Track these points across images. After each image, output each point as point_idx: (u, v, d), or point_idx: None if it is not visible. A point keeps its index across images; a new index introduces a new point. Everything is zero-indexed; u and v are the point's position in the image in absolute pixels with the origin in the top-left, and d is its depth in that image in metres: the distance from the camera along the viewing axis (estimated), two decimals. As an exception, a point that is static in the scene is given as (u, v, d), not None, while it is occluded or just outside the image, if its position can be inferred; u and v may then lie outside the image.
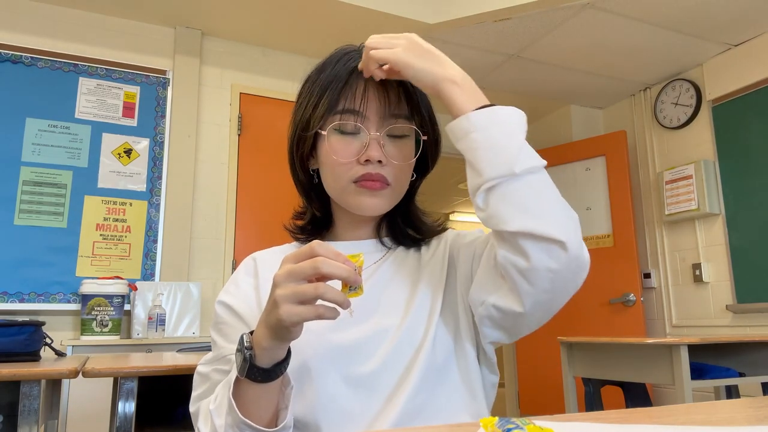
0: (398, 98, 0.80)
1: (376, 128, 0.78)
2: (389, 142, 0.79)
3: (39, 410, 1.23)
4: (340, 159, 0.78)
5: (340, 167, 0.78)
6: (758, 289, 3.18)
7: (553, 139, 4.35)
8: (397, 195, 0.82)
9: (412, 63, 0.71)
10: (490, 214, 0.66)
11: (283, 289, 0.60)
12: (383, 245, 0.88)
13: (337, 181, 0.80)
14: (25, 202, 2.76)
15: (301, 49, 3.44)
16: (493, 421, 0.40)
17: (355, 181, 0.78)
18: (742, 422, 0.44)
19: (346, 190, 0.79)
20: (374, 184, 0.78)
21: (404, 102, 0.80)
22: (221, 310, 0.82)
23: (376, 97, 0.78)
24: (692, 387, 2.02)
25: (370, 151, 0.77)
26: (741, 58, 3.35)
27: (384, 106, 0.78)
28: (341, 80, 0.79)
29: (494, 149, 0.66)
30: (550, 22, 3.09)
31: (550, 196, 0.68)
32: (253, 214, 3.22)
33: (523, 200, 0.65)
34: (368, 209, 0.80)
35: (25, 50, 2.88)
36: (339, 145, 0.78)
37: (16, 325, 1.48)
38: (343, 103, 0.78)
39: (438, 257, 0.84)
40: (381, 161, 0.77)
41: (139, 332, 2.74)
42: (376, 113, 0.78)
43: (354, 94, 0.78)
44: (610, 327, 3.72)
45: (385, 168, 0.78)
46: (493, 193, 0.65)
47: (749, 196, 3.27)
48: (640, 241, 3.85)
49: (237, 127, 3.26)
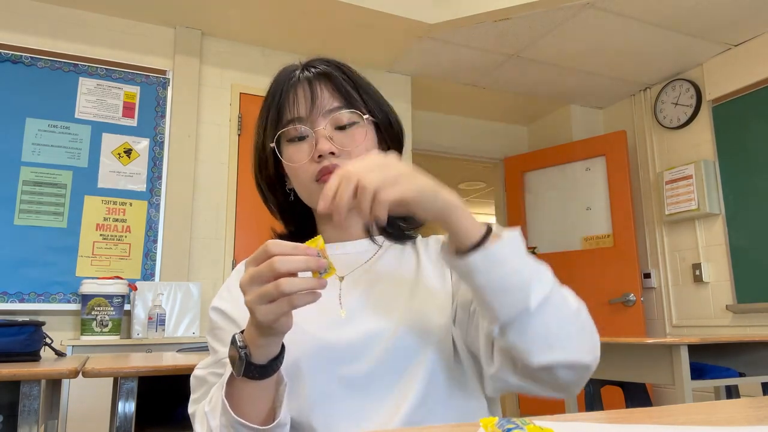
0: (332, 91, 0.83)
1: (320, 125, 0.81)
2: (338, 134, 0.81)
3: (39, 410, 1.23)
4: (296, 163, 0.81)
5: (299, 171, 0.81)
6: (758, 289, 3.18)
7: (553, 139, 4.35)
8: None
9: (422, 195, 0.61)
10: (508, 346, 0.63)
11: (249, 294, 0.60)
12: (375, 243, 0.88)
13: (302, 185, 0.83)
14: (25, 202, 2.76)
15: (301, 49, 3.43)
16: (493, 421, 0.40)
17: (317, 179, 0.79)
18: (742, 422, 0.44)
19: (311, 191, 0.81)
20: None
21: (339, 93, 0.83)
22: (215, 315, 0.83)
23: (311, 97, 0.81)
24: (692, 387, 2.02)
25: (319, 145, 0.79)
26: (741, 58, 3.35)
27: (321, 103, 0.81)
28: (277, 96, 0.84)
29: (505, 291, 0.61)
30: (550, 22, 3.09)
31: (569, 318, 0.64)
32: (253, 213, 3.21)
33: (544, 334, 0.61)
34: None
35: (25, 50, 2.88)
36: (292, 152, 0.82)
37: (16, 325, 1.47)
38: (285, 115, 0.82)
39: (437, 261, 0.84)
40: (333, 152, 0.79)
41: (139, 332, 2.74)
42: (315, 112, 0.81)
43: (289, 103, 0.82)
44: (610, 327, 3.72)
45: (341, 158, 0.80)
46: (511, 329, 0.62)
47: (749, 196, 3.27)
48: (640, 241, 3.85)
49: (237, 127, 3.26)
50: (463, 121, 4.45)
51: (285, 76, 0.86)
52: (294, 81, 0.84)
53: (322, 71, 0.84)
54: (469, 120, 4.48)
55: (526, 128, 4.70)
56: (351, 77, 0.85)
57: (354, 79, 0.85)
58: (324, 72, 0.84)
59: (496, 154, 4.53)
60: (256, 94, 3.35)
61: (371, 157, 0.63)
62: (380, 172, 0.60)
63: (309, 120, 0.81)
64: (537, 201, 4.25)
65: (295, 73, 0.85)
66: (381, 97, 0.88)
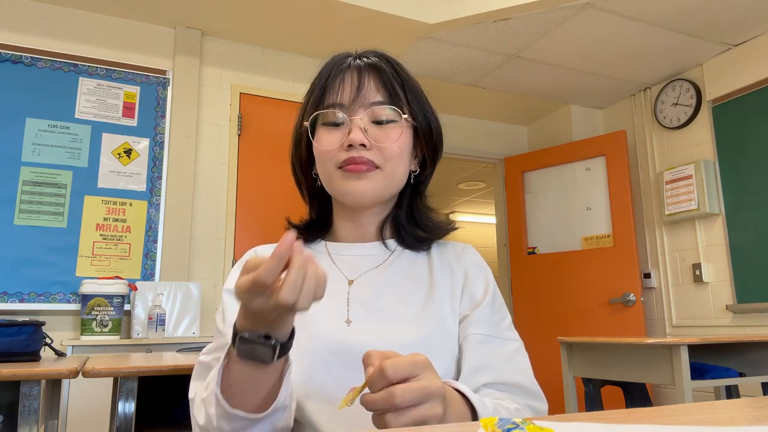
0: (378, 85, 0.82)
1: (359, 115, 0.79)
2: (374, 128, 0.80)
3: (39, 410, 1.23)
4: (325, 147, 0.80)
5: (325, 156, 0.80)
6: (758, 289, 3.18)
7: (553, 139, 4.35)
8: (387, 179, 0.81)
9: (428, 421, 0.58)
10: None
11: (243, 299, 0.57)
12: (387, 248, 0.86)
13: (325, 170, 0.81)
14: (25, 202, 2.76)
15: (301, 49, 3.44)
16: (493, 421, 0.40)
17: (340, 166, 0.79)
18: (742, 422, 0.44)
19: (332, 177, 0.80)
20: (358, 167, 0.78)
21: (384, 88, 0.82)
22: (227, 296, 0.81)
23: (356, 87, 0.80)
24: (692, 387, 2.02)
25: (352, 135, 0.78)
26: (741, 58, 3.35)
27: (364, 94, 0.80)
28: (323, 79, 0.83)
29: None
30: (550, 22, 3.09)
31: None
32: (253, 214, 3.22)
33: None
34: (355, 192, 0.79)
35: (25, 50, 2.88)
36: (324, 135, 0.81)
37: (16, 325, 1.47)
38: (327, 99, 0.81)
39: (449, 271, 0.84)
40: (364, 144, 0.78)
41: (139, 332, 2.74)
42: (357, 102, 0.80)
43: (335, 88, 0.81)
44: (610, 327, 3.72)
45: (371, 152, 0.78)
46: None
47: (749, 196, 3.27)
48: (640, 241, 3.85)
49: (237, 127, 3.26)
50: (463, 121, 4.45)
51: (337, 60, 0.85)
52: (344, 67, 0.83)
53: (374, 63, 0.83)
54: (469, 120, 4.48)
55: (526, 128, 4.70)
56: (400, 75, 0.84)
57: (403, 78, 0.84)
58: (375, 64, 0.83)
59: (496, 154, 4.53)
60: (256, 94, 3.35)
61: (415, 362, 0.57)
62: (418, 394, 0.55)
63: (349, 108, 0.80)
64: (537, 201, 4.25)
65: (347, 59, 0.84)
66: (427, 102, 0.87)
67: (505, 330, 0.82)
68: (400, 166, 0.82)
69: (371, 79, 0.82)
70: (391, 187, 0.82)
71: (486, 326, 0.79)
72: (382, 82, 0.82)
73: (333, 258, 0.85)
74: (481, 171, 5.57)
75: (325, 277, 0.56)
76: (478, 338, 0.78)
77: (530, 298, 4.12)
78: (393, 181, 0.82)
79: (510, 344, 0.81)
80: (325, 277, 0.56)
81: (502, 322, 0.83)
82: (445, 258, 0.87)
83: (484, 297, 0.83)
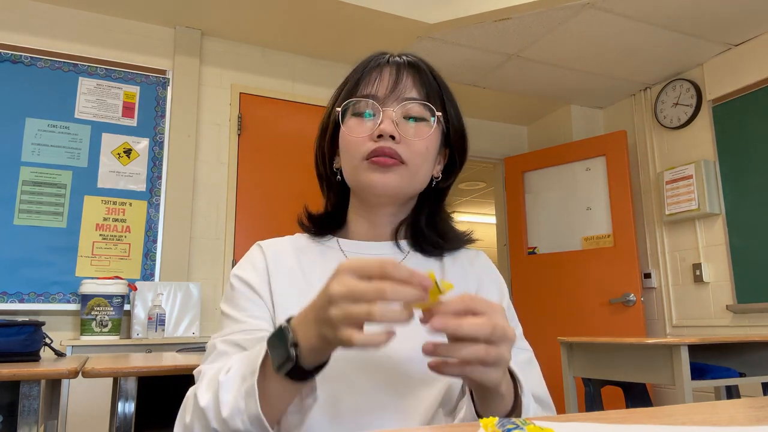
0: (416, 83, 0.81)
1: (392, 108, 0.79)
2: (405, 123, 0.79)
3: (39, 410, 1.22)
4: (354, 136, 0.79)
5: (353, 145, 0.79)
6: (758, 289, 3.17)
7: (553, 139, 4.35)
8: (412, 176, 0.80)
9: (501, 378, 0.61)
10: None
11: (338, 309, 0.53)
12: (400, 249, 0.85)
13: (350, 160, 0.80)
14: (24, 202, 2.76)
15: (301, 49, 3.44)
16: (493, 421, 0.40)
17: (367, 157, 0.77)
18: (742, 422, 0.44)
19: (358, 168, 0.79)
20: (386, 160, 0.77)
21: (422, 87, 0.81)
22: (239, 283, 0.79)
23: (393, 80, 0.80)
24: (692, 387, 2.02)
25: (383, 125, 0.77)
26: (741, 58, 3.35)
27: (400, 89, 0.79)
28: (360, 70, 0.83)
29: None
30: (550, 22, 3.09)
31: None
32: (253, 214, 3.21)
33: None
34: (379, 185, 0.78)
35: (25, 50, 2.88)
36: (354, 124, 0.80)
37: (15, 325, 1.47)
38: (361, 89, 0.81)
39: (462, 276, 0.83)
40: (394, 137, 0.77)
41: (138, 332, 2.74)
42: (391, 95, 0.79)
43: (370, 80, 0.81)
44: (610, 327, 3.72)
45: (399, 146, 0.77)
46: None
47: (749, 196, 3.27)
48: (640, 241, 3.85)
49: (237, 127, 3.26)
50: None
51: (375, 56, 0.85)
52: (382, 62, 0.83)
53: (413, 62, 0.84)
54: (469, 120, 4.36)
55: (526, 128, 4.70)
56: (437, 79, 0.84)
57: (439, 81, 0.85)
58: (414, 63, 0.84)
59: (496, 154, 4.53)
60: (256, 94, 3.35)
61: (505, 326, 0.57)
62: (506, 332, 0.56)
63: (383, 100, 0.79)
64: (537, 201, 4.25)
65: (385, 56, 0.84)
66: (459, 109, 0.87)
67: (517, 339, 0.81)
68: (425, 165, 0.81)
69: (409, 75, 0.81)
70: (413, 186, 0.81)
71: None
72: (420, 81, 0.82)
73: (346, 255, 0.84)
74: (481, 171, 5.56)
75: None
76: None
77: (530, 298, 4.12)
78: (416, 180, 0.81)
79: (523, 354, 0.81)
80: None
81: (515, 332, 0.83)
82: (458, 263, 0.86)
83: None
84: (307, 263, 0.82)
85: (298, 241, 0.87)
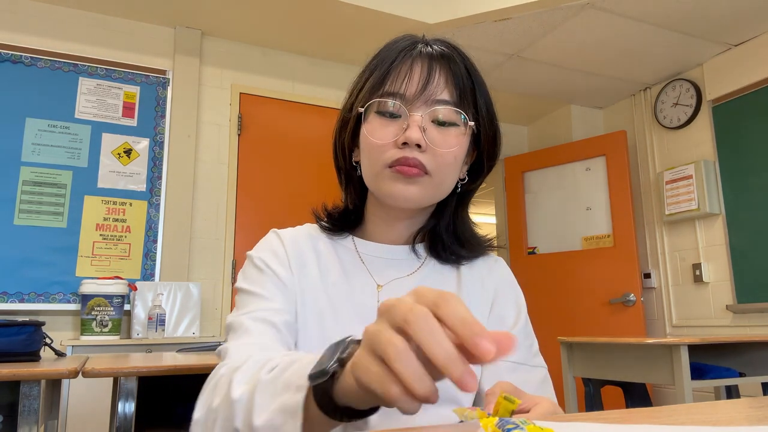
0: (448, 81, 0.74)
1: (420, 112, 0.72)
2: (433, 128, 0.73)
3: (39, 410, 1.22)
4: (377, 140, 0.73)
5: (376, 150, 0.73)
6: (758, 289, 3.18)
7: (553, 139, 4.35)
8: (436, 187, 0.75)
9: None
10: None
11: (406, 369, 0.38)
12: (416, 254, 0.81)
13: (372, 165, 0.74)
14: (25, 202, 2.76)
15: (301, 49, 3.44)
16: (493, 421, 0.40)
17: (390, 165, 0.72)
18: (742, 422, 0.44)
19: (379, 176, 0.73)
20: (410, 170, 0.71)
21: (454, 87, 0.74)
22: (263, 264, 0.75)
23: (423, 79, 0.73)
24: (692, 387, 2.02)
25: (409, 132, 0.70)
26: (741, 58, 3.35)
27: (430, 90, 0.73)
28: (388, 62, 0.75)
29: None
30: (550, 22, 3.09)
31: None
32: (253, 214, 3.21)
33: None
34: (401, 197, 0.73)
35: (25, 50, 2.88)
36: (377, 127, 0.73)
37: (16, 325, 1.47)
38: (388, 85, 0.74)
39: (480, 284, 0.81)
40: (420, 145, 0.71)
41: (139, 332, 2.74)
42: (420, 96, 0.72)
43: (399, 75, 0.73)
44: (610, 327, 3.72)
45: (424, 155, 0.71)
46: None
47: (749, 196, 3.27)
48: (640, 241, 3.85)
49: (237, 127, 3.26)
50: (463, 121, 4.45)
51: (405, 44, 0.76)
52: (414, 54, 0.75)
53: (447, 54, 0.75)
54: None
55: (526, 128, 4.70)
56: (471, 72, 0.77)
57: (473, 75, 0.77)
58: (448, 55, 0.75)
59: (496, 154, 4.53)
60: (256, 94, 3.35)
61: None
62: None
63: (410, 101, 0.72)
64: (537, 201, 4.25)
65: (416, 45, 0.76)
66: (493, 106, 0.80)
67: (534, 356, 0.80)
68: (451, 175, 0.76)
69: (442, 72, 0.74)
70: (437, 196, 0.77)
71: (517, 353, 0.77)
72: (453, 79, 0.74)
73: (362, 257, 0.81)
74: (481, 171, 5.56)
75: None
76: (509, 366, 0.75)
77: (530, 298, 4.06)
78: (441, 190, 0.76)
79: (539, 371, 0.79)
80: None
81: (532, 348, 0.81)
82: (476, 270, 0.83)
83: (516, 322, 0.81)
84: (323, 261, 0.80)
85: (311, 234, 0.83)
